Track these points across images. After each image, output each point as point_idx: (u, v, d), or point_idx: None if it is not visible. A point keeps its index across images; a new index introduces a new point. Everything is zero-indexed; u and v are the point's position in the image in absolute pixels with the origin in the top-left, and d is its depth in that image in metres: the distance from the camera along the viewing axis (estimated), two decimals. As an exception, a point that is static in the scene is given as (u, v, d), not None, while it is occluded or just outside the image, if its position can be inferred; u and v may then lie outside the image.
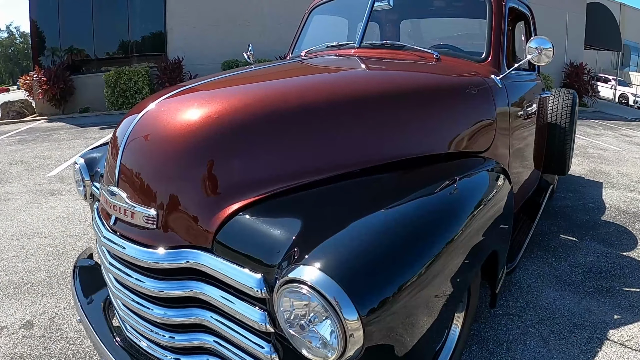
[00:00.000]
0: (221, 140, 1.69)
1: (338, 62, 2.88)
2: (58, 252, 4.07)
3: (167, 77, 15.09)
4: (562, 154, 3.86)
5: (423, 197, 1.72)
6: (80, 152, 8.09)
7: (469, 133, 2.42)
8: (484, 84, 2.63)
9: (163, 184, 1.68)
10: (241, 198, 1.62)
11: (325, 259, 1.28)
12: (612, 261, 3.97)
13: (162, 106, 1.90)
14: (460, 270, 1.66)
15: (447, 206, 1.72)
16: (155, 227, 1.65)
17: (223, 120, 1.73)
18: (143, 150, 1.78)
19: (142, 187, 1.71)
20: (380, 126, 2.02)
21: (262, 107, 1.82)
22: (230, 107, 1.79)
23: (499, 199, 2.07)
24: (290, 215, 1.56)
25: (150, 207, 1.66)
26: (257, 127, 1.75)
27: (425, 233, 1.53)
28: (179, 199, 1.64)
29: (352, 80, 2.28)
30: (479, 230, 1.83)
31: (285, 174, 1.73)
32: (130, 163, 1.77)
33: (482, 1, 3.01)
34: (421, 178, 1.92)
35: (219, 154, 1.67)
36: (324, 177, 1.77)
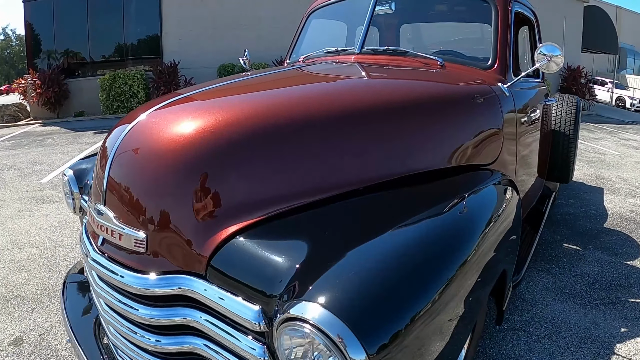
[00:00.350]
0: (217, 157, 1.57)
1: (339, 70, 2.77)
2: (49, 263, 3.96)
3: (163, 81, 14.95)
4: (566, 161, 3.77)
5: (432, 218, 1.62)
6: (73, 160, 8.08)
7: (477, 145, 2.31)
8: (490, 93, 2.52)
9: (153, 203, 1.56)
10: (238, 220, 1.51)
11: (329, 292, 1.17)
12: (617, 271, 3.89)
13: (153, 117, 1.79)
14: (474, 292, 1.56)
15: (458, 227, 1.61)
16: (145, 251, 1.54)
17: (219, 134, 1.62)
18: (132, 165, 1.66)
19: (131, 206, 1.59)
20: (386, 141, 1.91)
21: (261, 121, 1.71)
22: (227, 120, 1.68)
23: (508, 214, 1.98)
24: (291, 240, 1.46)
25: (139, 229, 1.55)
26: (256, 142, 1.64)
27: (437, 258, 1.42)
28: (170, 220, 1.52)
29: (354, 91, 2.15)
30: (491, 249, 1.73)
31: (285, 194, 1.61)
32: (118, 179, 1.66)
33: (487, 6, 2.90)
34: (429, 196, 1.81)
35: (214, 172, 1.55)
36: (326, 197, 1.66)
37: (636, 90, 27.95)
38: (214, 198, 1.53)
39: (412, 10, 3.60)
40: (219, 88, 2.19)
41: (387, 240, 1.41)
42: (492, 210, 1.86)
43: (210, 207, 1.53)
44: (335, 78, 2.57)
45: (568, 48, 19.69)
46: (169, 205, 1.54)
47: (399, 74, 2.75)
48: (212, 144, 1.59)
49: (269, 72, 2.68)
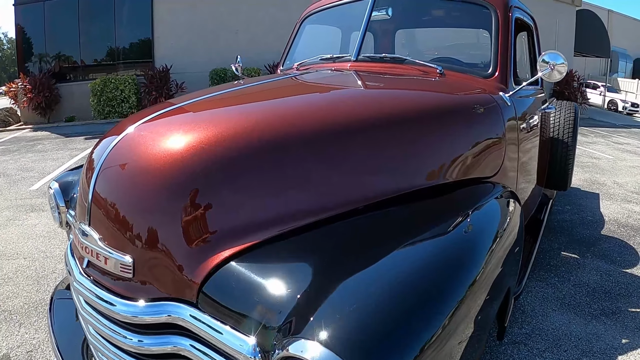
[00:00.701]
0: (209, 175, 1.48)
1: (335, 79, 2.68)
2: (37, 275, 3.86)
3: (154, 85, 14.81)
4: (564, 169, 3.72)
5: (436, 239, 1.53)
6: (63, 166, 7.99)
7: (479, 158, 2.21)
8: (492, 103, 2.43)
9: (140, 225, 1.46)
10: (232, 244, 1.41)
11: (331, 328, 1.08)
12: (616, 279, 3.84)
13: (142, 130, 1.69)
14: (483, 311, 1.47)
15: (464, 248, 1.52)
16: (132, 277, 1.44)
17: (212, 151, 1.51)
18: (118, 183, 1.56)
19: (117, 228, 1.49)
20: (386, 157, 1.82)
21: (257, 137, 1.60)
22: (220, 135, 1.57)
23: (513, 227, 1.90)
24: (289, 266, 1.36)
25: (125, 254, 1.45)
26: (252, 159, 1.54)
27: (444, 283, 1.33)
28: (159, 243, 1.42)
29: (352, 105, 2.03)
30: (497, 265, 1.64)
31: (282, 215, 1.51)
32: (103, 197, 1.56)
33: (487, 12, 2.82)
34: (431, 215, 1.72)
35: (207, 191, 1.46)
36: (325, 218, 1.57)
37: (628, 93, 28.10)
38: (206, 220, 1.43)
39: (410, 16, 3.52)
40: (211, 99, 2.10)
41: (390, 266, 1.32)
42: (497, 226, 1.78)
43: (202, 230, 1.43)
44: (332, 88, 2.48)
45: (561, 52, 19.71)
46: (158, 227, 1.44)
47: (397, 83, 2.65)
48: (204, 161, 1.49)
49: (262, 81, 2.59)
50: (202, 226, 1.43)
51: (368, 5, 3.03)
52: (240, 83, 2.55)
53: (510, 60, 2.71)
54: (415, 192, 1.82)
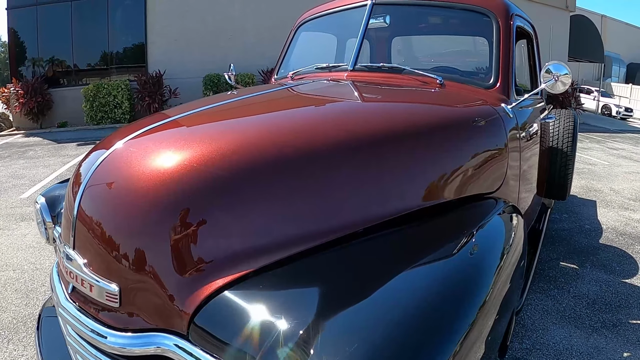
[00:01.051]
0: (203, 197, 1.39)
1: (332, 91, 2.59)
2: (27, 288, 3.77)
3: (147, 91, 14.72)
4: (564, 179, 3.66)
5: (441, 262, 1.45)
6: (54, 174, 7.88)
7: (482, 174, 2.13)
8: (494, 115, 2.34)
9: (128, 250, 1.36)
10: (227, 272, 1.32)
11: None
12: (616, 290, 3.79)
13: (131, 146, 1.60)
14: (493, 331, 1.39)
15: (471, 271, 1.43)
16: (118, 306, 1.36)
17: (206, 170, 1.42)
18: (104, 203, 1.47)
19: (103, 253, 1.40)
20: (389, 175, 1.72)
21: (255, 155, 1.51)
22: (215, 153, 1.48)
23: (517, 243, 1.82)
24: (287, 296, 1.27)
25: (111, 281, 1.36)
26: (248, 179, 1.44)
27: (453, 310, 1.24)
28: (148, 271, 1.33)
29: (351, 120, 1.93)
30: (505, 283, 1.56)
31: (281, 241, 1.42)
32: (89, 219, 1.46)
33: (488, 20, 2.74)
34: (434, 237, 1.64)
35: (200, 214, 1.36)
36: (324, 243, 1.48)
37: (622, 98, 28.21)
38: (198, 246, 1.34)
39: (407, 24, 3.45)
40: (205, 112, 2.02)
41: (394, 296, 1.24)
42: (503, 243, 1.70)
43: (194, 256, 1.34)
44: (329, 101, 2.38)
45: (555, 57, 19.73)
46: (146, 253, 1.34)
47: (397, 96, 2.57)
48: (197, 182, 1.40)
49: (257, 92, 2.50)
50: (194, 252, 1.34)
51: (365, 13, 2.95)
52: (234, 94, 2.46)
53: (512, 70, 2.64)
54: (416, 212, 1.73)
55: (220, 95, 2.53)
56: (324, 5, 3.50)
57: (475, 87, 2.67)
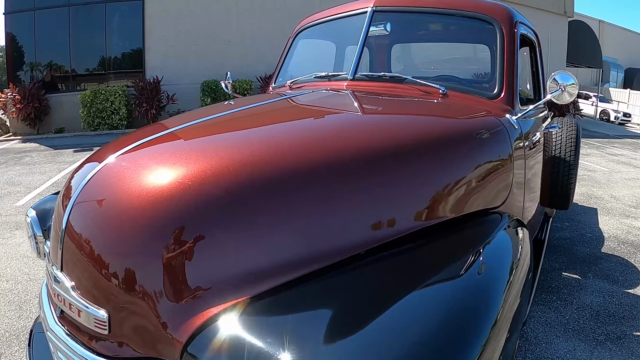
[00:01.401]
0: (200, 217, 1.30)
1: (331, 102, 2.51)
2: (20, 300, 3.70)
3: (145, 97, 14.64)
4: (566, 189, 3.60)
5: (449, 284, 1.38)
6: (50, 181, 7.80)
7: (487, 189, 2.04)
8: (499, 126, 2.26)
9: (118, 273, 1.28)
10: (223, 298, 1.24)
11: None
12: (619, 301, 3.74)
13: (124, 160, 1.54)
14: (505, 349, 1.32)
15: (480, 292, 1.36)
16: (107, 333, 1.28)
17: (202, 189, 1.34)
18: (93, 222, 1.39)
19: (91, 276, 1.33)
20: (392, 193, 1.63)
21: (255, 173, 1.42)
22: (212, 170, 1.40)
23: (524, 257, 1.74)
24: (287, 324, 1.19)
25: (100, 307, 1.29)
26: (248, 200, 1.36)
27: (464, 335, 1.17)
28: (138, 296, 1.25)
29: (352, 134, 1.83)
30: (515, 301, 1.49)
31: (280, 264, 1.33)
32: (77, 238, 1.38)
33: (491, 28, 2.67)
34: (440, 258, 1.56)
35: (195, 236, 1.28)
36: (325, 266, 1.39)
37: (620, 103, 28.21)
38: (193, 269, 1.26)
39: (408, 32, 3.38)
40: (202, 124, 1.95)
41: (401, 323, 1.16)
42: (511, 259, 1.64)
43: (189, 281, 1.26)
44: (330, 114, 2.29)
45: (553, 63, 19.78)
46: (137, 277, 1.26)
47: (399, 108, 2.48)
48: (193, 200, 1.32)
49: (256, 103, 2.42)
50: (189, 277, 1.26)
51: (365, 20, 2.88)
52: (231, 104, 2.40)
53: (516, 80, 2.56)
54: (420, 231, 1.65)
55: (218, 105, 2.46)
56: (323, 12, 3.43)
57: (479, 97, 2.60)
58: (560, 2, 21.39)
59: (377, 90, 2.69)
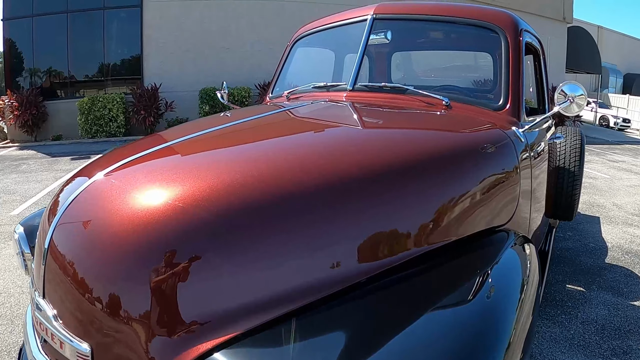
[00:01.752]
0: (193, 243, 1.19)
1: (331, 115, 2.41)
2: (12, 314, 3.61)
3: (143, 105, 14.59)
4: (571, 200, 3.52)
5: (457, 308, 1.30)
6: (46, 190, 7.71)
7: (493, 206, 1.93)
8: (504, 140, 2.14)
9: (103, 303, 1.18)
10: (218, 332, 1.14)
11: None
12: (625, 314, 3.66)
13: (113, 178, 1.45)
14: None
15: (491, 317, 1.28)
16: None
17: (198, 211, 1.24)
18: (78, 245, 1.29)
19: (75, 304, 1.23)
20: (399, 214, 1.51)
21: (254, 194, 1.32)
22: (209, 191, 1.30)
23: (533, 273, 1.66)
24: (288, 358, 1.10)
25: (83, 340, 1.19)
26: (246, 223, 1.25)
27: None
28: (125, 328, 1.15)
29: (352, 152, 1.70)
30: (527, 320, 1.42)
31: (279, 295, 1.22)
32: (60, 262, 1.29)
33: (496, 36, 2.57)
34: (446, 283, 1.46)
35: (189, 263, 1.17)
36: (327, 296, 1.29)
37: (619, 109, 28.19)
38: (185, 300, 1.16)
39: (410, 40, 3.29)
40: (198, 139, 1.86)
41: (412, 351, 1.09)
42: (521, 279, 1.55)
43: (180, 313, 1.15)
44: (330, 129, 2.18)
45: (553, 69, 19.76)
46: (124, 308, 1.17)
47: (401, 122, 2.38)
48: (187, 225, 1.21)
49: (253, 116, 2.32)
50: (180, 308, 1.15)
51: (365, 29, 2.79)
52: (228, 116, 2.32)
53: (522, 90, 2.47)
54: (425, 255, 1.55)
55: (215, 118, 2.38)
56: (321, 20, 3.35)
57: (484, 108, 2.49)
58: (559, 8, 21.42)
59: (378, 102, 2.59)
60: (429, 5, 2.96)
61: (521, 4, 18.91)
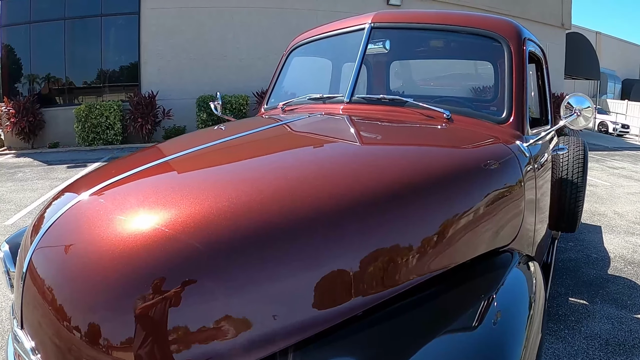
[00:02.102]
0: (179, 272, 1.10)
1: (327, 129, 2.31)
2: (2, 328, 3.51)
3: (140, 112, 14.54)
4: (574, 212, 3.44)
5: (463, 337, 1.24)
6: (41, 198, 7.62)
7: (497, 226, 1.82)
8: (508, 155, 2.03)
9: (84, 336, 1.08)
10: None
11: None
12: (629, 327, 3.57)
13: (99, 199, 1.37)
14: None
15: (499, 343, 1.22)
16: None
17: (185, 238, 1.15)
18: (57, 271, 1.20)
19: (53, 337, 1.14)
20: (396, 241, 1.40)
21: (251, 221, 1.23)
22: (202, 217, 1.21)
23: (539, 292, 1.59)
24: None
25: None
26: (242, 253, 1.16)
27: None
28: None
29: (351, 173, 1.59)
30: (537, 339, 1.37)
31: (277, 330, 1.13)
32: (39, 288, 1.20)
33: (498, 45, 2.48)
34: (452, 309, 1.38)
35: (174, 295, 1.07)
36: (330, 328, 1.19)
37: (618, 114, 28.20)
38: (173, 335, 1.07)
39: (409, 50, 3.20)
40: (191, 155, 1.78)
41: None
42: (527, 302, 1.49)
43: (168, 348, 1.06)
44: (324, 144, 2.10)
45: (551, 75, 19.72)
46: (105, 341, 1.07)
47: (400, 137, 2.28)
48: (173, 255, 1.13)
49: (248, 131, 2.22)
50: (168, 343, 1.06)
51: (363, 38, 2.71)
52: (222, 130, 2.24)
53: (526, 103, 2.37)
54: (427, 282, 1.44)
55: (209, 132, 2.30)
56: (318, 29, 3.27)
57: (487, 121, 2.40)
58: (557, 15, 21.43)
59: (376, 115, 2.49)
60: (429, 14, 2.88)
61: (520, 11, 18.93)
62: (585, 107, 2.27)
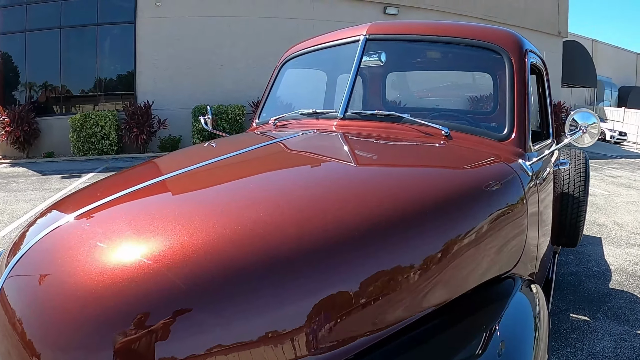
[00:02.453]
0: (161, 311, 1.01)
1: (320, 148, 2.21)
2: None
3: (136, 122, 14.50)
4: (576, 227, 3.35)
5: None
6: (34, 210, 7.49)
7: (500, 251, 1.72)
8: (510, 174, 1.92)
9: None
10: None
11: None
12: (632, 344, 3.49)
13: (80, 224, 1.29)
14: None
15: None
16: None
17: (176, 276, 1.06)
18: (28, 303, 1.11)
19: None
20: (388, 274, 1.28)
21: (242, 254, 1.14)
22: (186, 249, 1.12)
23: (543, 313, 1.53)
24: None
25: None
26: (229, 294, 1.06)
27: None
28: None
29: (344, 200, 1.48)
30: None
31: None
32: (10, 316, 1.11)
33: (499, 58, 2.38)
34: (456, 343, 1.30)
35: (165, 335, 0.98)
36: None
37: (615, 122, 28.21)
38: None
39: (405, 63, 3.11)
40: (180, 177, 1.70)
41: None
42: (533, 324, 1.42)
43: None
44: (318, 164, 2.00)
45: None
46: None
47: (396, 158, 2.16)
48: (155, 292, 1.03)
49: (239, 150, 2.10)
50: None
51: (357, 50, 2.61)
52: (212, 147, 2.14)
53: (528, 118, 2.26)
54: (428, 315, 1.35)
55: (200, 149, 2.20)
56: (311, 41, 3.17)
57: (487, 138, 2.29)
58: (554, 23, 21.47)
59: (371, 132, 2.39)
60: (426, 25, 2.78)
61: (518, 20, 18.96)
62: (591, 124, 2.19)
